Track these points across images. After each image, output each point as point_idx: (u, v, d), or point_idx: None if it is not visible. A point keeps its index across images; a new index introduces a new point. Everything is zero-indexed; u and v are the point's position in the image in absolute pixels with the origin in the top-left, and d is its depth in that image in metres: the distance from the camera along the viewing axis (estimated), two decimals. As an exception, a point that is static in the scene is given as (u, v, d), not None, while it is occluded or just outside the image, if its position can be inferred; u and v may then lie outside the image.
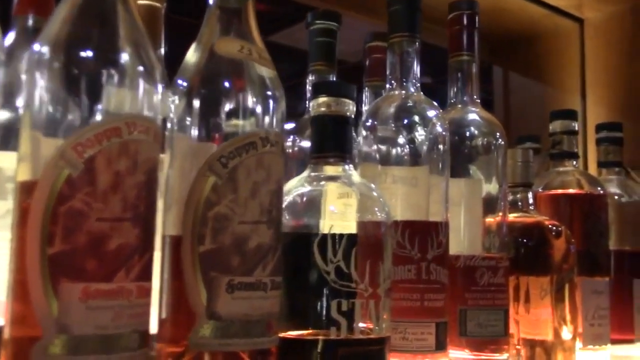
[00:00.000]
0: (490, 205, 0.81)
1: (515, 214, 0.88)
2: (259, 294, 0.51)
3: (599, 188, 0.96)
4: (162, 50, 0.77)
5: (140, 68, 0.48)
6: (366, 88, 0.96)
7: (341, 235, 0.59)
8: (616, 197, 1.04)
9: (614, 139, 1.07)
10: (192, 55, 0.55)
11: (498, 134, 0.81)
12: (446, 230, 0.71)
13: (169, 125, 0.55)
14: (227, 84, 0.54)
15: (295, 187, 0.64)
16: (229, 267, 0.50)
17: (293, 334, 0.59)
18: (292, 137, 0.88)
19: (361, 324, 0.59)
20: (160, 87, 0.50)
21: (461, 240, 0.78)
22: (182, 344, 0.51)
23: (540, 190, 0.97)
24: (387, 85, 0.76)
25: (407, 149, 0.74)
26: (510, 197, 0.89)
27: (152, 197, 0.48)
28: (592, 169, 1.13)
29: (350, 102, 0.65)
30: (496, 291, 0.75)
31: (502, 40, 1.38)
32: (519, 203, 0.88)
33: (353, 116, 0.65)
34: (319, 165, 0.64)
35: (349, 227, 0.64)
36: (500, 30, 1.35)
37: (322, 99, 0.64)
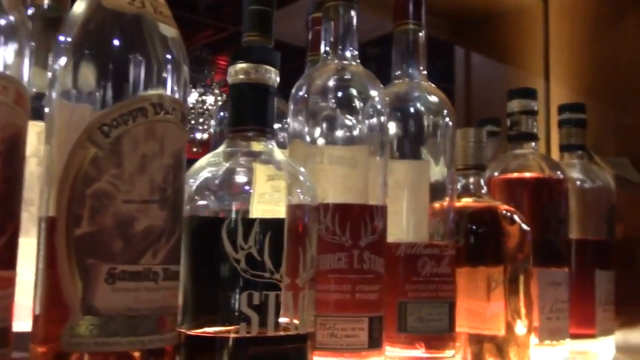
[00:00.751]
0: (438, 189, 0.75)
1: (466, 199, 0.82)
2: (147, 284, 0.45)
3: (558, 172, 0.90)
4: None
5: (1, 21, 0.41)
6: (308, 64, 0.89)
7: (253, 220, 0.52)
8: (578, 183, 0.99)
9: (576, 120, 1.01)
10: (77, 7, 0.48)
11: (446, 111, 0.75)
12: (383, 214, 0.65)
13: (50, 90, 0.48)
14: (116, 42, 0.47)
15: (208, 164, 0.57)
16: (110, 254, 0.43)
17: (200, 331, 0.52)
18: (222, 113, 0.81)
19: (284, 319, 0.53)
20: (29, 46, 0.43)
21: (404, 227, 0.72)
22: (57, 344, 0.44)
23: (496, 174, 0.91)
24: (322, 55, 0.70)
25: (345, 126, 0.68)
26: (462, 181, 0.83)
27: (13, 171, 0.41)
28: (556, 154, 1.07)
29: (273, 69, 0.58)
30: (440, 282, 0.69)
31: (464, 19, 1.32)
32: (471, 187, 0.82)
33: (276, 86, 0.59)
34: (236, 140, 0.58)
35: (277, 212, 0.58)
36: (463, 9, 1.29)
37: (241, 66, 0.58)
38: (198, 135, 4.44)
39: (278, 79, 0.59)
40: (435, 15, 1.35)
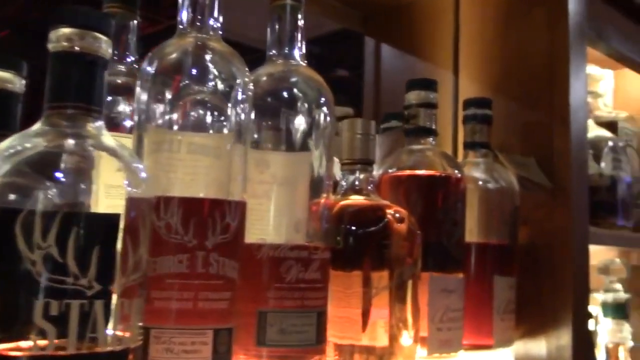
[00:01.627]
0: (315, 185, 0.67)
1: (353, 197, 0.75)
2: None
3: (456, 171, 0.84)
4: None
5: None
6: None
7: (54, 213, 0.44)
8: (480, 183, 0.93)
9: (482, 116, 0.96)
10: None
11: (324, 98, 0.68)
12: (239, 211, 0.57)
13: None
14: None
15: (18, 145, 0.48)
16: None
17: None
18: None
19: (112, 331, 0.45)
20: None
21: (276, 226, 0.64)
22: None
23: (390, 171, 0.84)
24: (178, 25, 0.61)
25: (206, 110, 0.60)
26: (347, 177, 0.76)
27: None
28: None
29: (104, 38, 0.50)
30: (307, 289, 0.62)
31: (376, 8, 1.26)
32: (357, 184, 0.75)
33: (107, 57, 0.50)
34: (53, 118, 0.49)
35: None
36: (375, -2, 1.23)
37: (63, 31, 0.49)
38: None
39: (110, 50, 0.50)
40: (347, 4, 1.28)
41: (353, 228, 0.70)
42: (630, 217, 1.22)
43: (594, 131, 1.20)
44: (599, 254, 1.41)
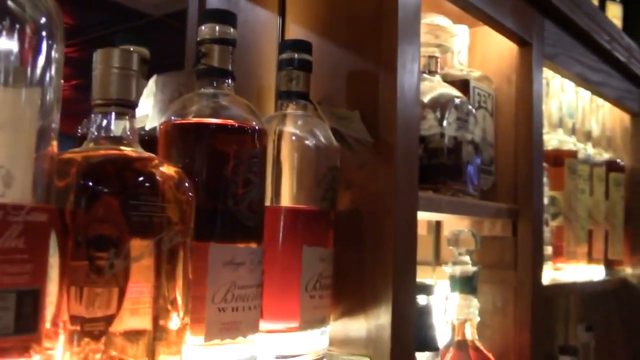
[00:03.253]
0: (42, 131, 0.53)
1: (105, 147, 0.61)
2: None
3: (254, 122, 0.72)
4: None
5: None
6: None
7: None
8: (294, 138, 0.81)
9: (300, 61, 0.83)
10: None
11: (45, 19, 0.53)
12: None
13: None
14: None
15: None
16: None
17: None
18: None
19: None
20: None
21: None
22: None
23: (172, 119, 0.71)
24: None
25: None
26: (97, 121, 0.62)
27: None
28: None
29: None
30: (2, 262, 0.47)
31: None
32: (112, 130, 0.61)
33: None
34: None
35: None
36: None
37: None
38: None
39: None
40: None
41: (90, 184, 0.56)
42: (477, 184, 1.14)
43: (440, 89, 1.11)
44: (451, 223, 1.34)
